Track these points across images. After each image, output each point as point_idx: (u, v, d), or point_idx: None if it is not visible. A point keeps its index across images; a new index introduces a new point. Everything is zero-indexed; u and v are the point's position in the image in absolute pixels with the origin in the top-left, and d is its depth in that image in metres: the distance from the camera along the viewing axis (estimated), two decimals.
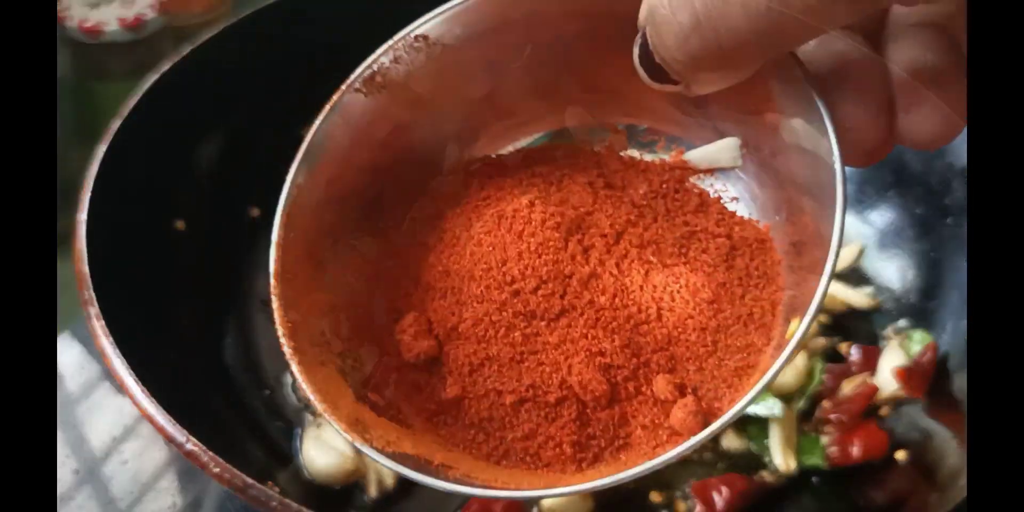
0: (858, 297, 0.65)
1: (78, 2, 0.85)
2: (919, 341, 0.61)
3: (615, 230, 0.36)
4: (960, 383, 0.58)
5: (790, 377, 0.59)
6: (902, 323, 0.64)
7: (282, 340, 0.34)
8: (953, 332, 0.60)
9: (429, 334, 0.36)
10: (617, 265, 0.35)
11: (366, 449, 0.32)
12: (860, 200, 0.69)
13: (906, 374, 0.58)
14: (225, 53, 0.62)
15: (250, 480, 0.44)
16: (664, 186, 0.38)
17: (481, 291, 0.35)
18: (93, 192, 0.53)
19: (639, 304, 0.34)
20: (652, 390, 0.33)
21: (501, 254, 0.35)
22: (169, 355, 0.56)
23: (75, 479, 0.56)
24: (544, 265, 0.35)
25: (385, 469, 0.55)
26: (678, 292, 0.35)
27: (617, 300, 0.34)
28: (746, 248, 0.36)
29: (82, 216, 0.52)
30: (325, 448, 0.55)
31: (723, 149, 0.37)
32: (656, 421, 0.33)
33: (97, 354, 0.49)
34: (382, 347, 0.36)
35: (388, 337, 0.36)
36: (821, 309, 0.29)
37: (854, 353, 0.61)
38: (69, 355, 0.61)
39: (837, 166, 0.29)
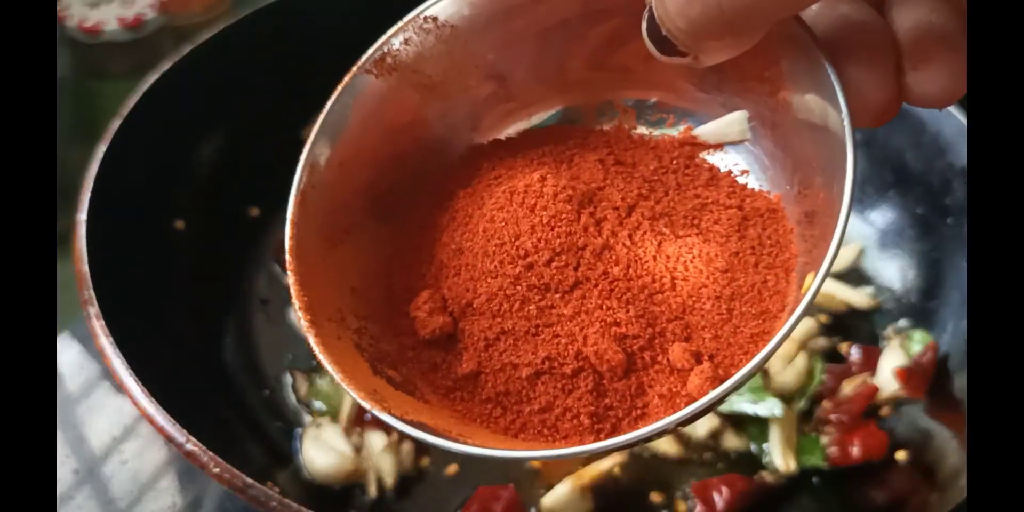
0: (858, 297, 0.65)
1: (78, 2, 0.85)
2: (919, 341, 0.61)
3: (627, 203, 0.36)
4: (960, 383, 0.58)
5: (790, 377, 0.60)
6: (902, 323, 0.64)
7: (298, 313, 0.34)
8: (953, 332, 0.60)
9: (444, 311, 0.36)
10: (630, 236, 0.35)
11: (385, 416, 0.32)
12: (860, 200, 0.69)
13: (906, 374, 0.58)
14: (225, 53, 0.62)
15: (250, 480, 0.44)
16: (674, 162, 0.38)
17: (495, 266, 0.35)
18: (93, 192, 0.53)
19: (653, 274, 0.35)
20: (668, 359, 0.33)
21: (514, 228, 0.35)
22: (169, 355, 0.56)
23: (75, 479, 0.56)
24: (557, 237, 0.35)
25: (385, 469, 0.55)
26: (691, 262, 0.35)
27: (631, 271, 0.35)
28: (758, 218, 0.36)
29: (82, 216, 0.52)
30: (325, 448, 0.55)
31: (731, 123, 0.37)
32: (673, 390, 0.33)
33: (97, 354, 0.49)
34: (398, 325, 0.37)
35: (404, 315, 0.37)
36: (831, 266, 0.30)
37: (854, 353, 0.62)
38: (69, 355, 0.61)
39: (847, 127, 0.30)
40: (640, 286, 0.34)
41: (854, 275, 0.67)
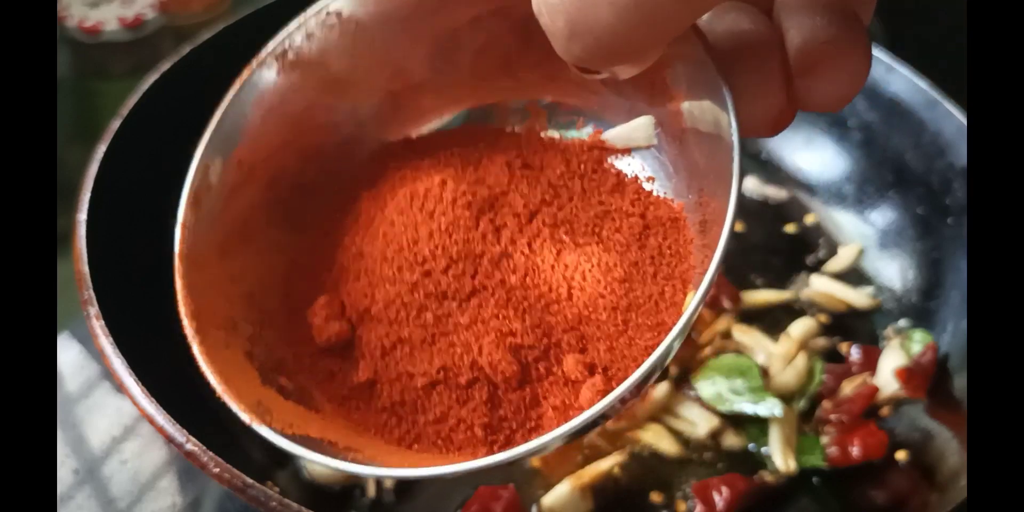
0: (858, 297, 0.65)
1: (78, 2, 0.85)
2: (919, 341, 0.61)
3: (529, 209, 0.35)
4: (960, 383, 0.58)
5: (790, 377, 0.60)
6: (902, 323, 0.64)
7: (184, 321, 0.33)
8: (953, 332, 0.60)
9: (341, 317, 0.35)
10: (529, 244, 0.35)
11: (263, 430, 0.31)
12: (860, 200, 0.69)
13: (906, 374, 0.58)
14: (225, 53, 0.62)
15: (250, 480, 0.44)
16: (582, 166, 0.37)
17: (393, 272, 0.34)
18: (93, 192, 0.53)
19: (550, 283, 0.34)
20: (563, 370, 0.33)
21: (412, 234, 0.34)
22: (169, 355, 0.56)
23: (75, 479, 0.56)
24: (454, 244, 0.34)
25: None
26: (590, 271, 0.34)
27: (528, 280, 0.34)
28: (660, 227, 0.35)
29: (82, 216, 0.52)
30: None
31: (638, 128, 0.36)
32: (567, 402, 0.33)
33: (97, 354, 0.49)
34: (294, 332, 0.36)
35: (301, 321, 0.36)
36: (713, 283, 0.29)
37: (854, 353, 0.62)
38: (69, 355, 0.61)
39: (734, 137, 0.29)
40: (537, 295, 0.34)
41: (854, 275, 0.67)
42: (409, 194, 0.36)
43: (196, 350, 0.33)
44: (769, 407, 0.57)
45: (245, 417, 0.32)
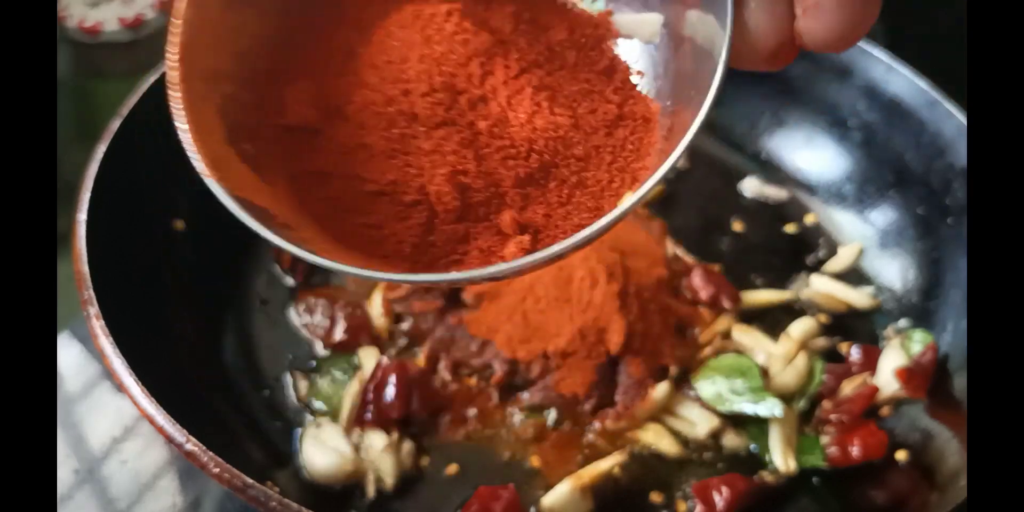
0: (858, 297, 0.65)
1: (78, 2, 0.85)
2: (919, 341, 0.61)
3: (520, 65, 0.36)
4: (960, 383, 0.58)
5: (790, 377, 0.60)
6: (902, 323, 0.64)
7: (171, 63, 0.33)
8: (953, 332, 0.61)
9: (316, 105, 0.36)
10: (508, 98, 0.36)
11: (212, 184, 0.33)
12: (861, 200, 0.69)
13: (907, 374, 0.58)
14: None
15: (250, 480, 0.44)
16: (583, 39, 0.38)
17: (376, 81, 0.36)
18: (93, 192, 0.53)
19: (513, 139, 0.35)
20: (499, 220, 0.35)
21: (405, 52, 0.36)
22: (169, 355, 0.56)
23: (75, 479, 0.56)
24: (440, 75, 0.35)
25: (385, 469, 0.55)
26: (553, 140, 0.36)
27: (496, 129, 0.35)
28: (631, 121, 0.37)
29: (82, 216, 0.52)
30: (324, 448, 0.55)
31: (646, 22, 0.38)
32: (492, 248, 0.35)
33: (97, 354, 0.49)
34: (269, 102, 0.37)
35: (276, 95, 0.37)
36: (649, 189, 0.31)
37: (854, 353, 0.62)
38: (69, 355, 0.61)
39: (724, 55, 0.31)
40: (498, 146, 0.35)
41: (854, 275, 0.67)
42: (414, 13, 0.36)
43: (176, 96, 0.33)
44: (769, 407, 0.57)
45: (201, 167, 0.33)
